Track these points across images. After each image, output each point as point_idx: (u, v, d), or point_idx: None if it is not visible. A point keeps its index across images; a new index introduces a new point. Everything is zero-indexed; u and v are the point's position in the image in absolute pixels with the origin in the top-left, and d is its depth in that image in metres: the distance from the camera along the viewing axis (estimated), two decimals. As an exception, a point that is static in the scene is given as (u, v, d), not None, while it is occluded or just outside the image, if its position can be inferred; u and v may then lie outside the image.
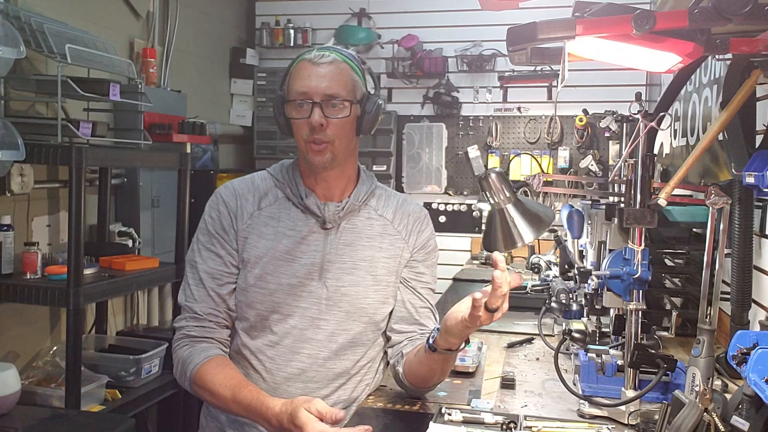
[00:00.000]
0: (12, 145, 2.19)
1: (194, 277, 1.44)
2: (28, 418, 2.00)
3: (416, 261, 1.52)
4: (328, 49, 1.41)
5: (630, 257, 1.36)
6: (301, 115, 1.38)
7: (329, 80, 1.37)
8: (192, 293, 1.43)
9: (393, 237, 1.50)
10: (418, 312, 1.51)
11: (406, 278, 1.51)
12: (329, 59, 1.38)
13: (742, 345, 1.06)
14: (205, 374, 1.35)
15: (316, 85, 1.36)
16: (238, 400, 1.30)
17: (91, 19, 2.96)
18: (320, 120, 1.36)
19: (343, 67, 1.40)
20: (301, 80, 1.38)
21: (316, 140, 1.38)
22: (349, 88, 1.40)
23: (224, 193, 1.48)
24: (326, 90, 1.37)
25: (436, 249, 1.58)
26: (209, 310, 1.42)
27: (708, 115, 2.33)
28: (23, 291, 2.34)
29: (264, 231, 1.43)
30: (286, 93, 1.42)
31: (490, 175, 1.42)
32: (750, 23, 1.00)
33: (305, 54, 1.41)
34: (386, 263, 1.48)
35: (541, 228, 1.42)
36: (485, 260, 3.67)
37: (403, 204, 1.54)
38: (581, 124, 4.02)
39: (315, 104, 1.36)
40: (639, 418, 1.34)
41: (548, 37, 1.08)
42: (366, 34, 4.32)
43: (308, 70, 1.38)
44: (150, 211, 3.24)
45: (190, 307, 1.43)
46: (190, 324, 1.42)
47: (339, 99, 1.38)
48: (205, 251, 1.44)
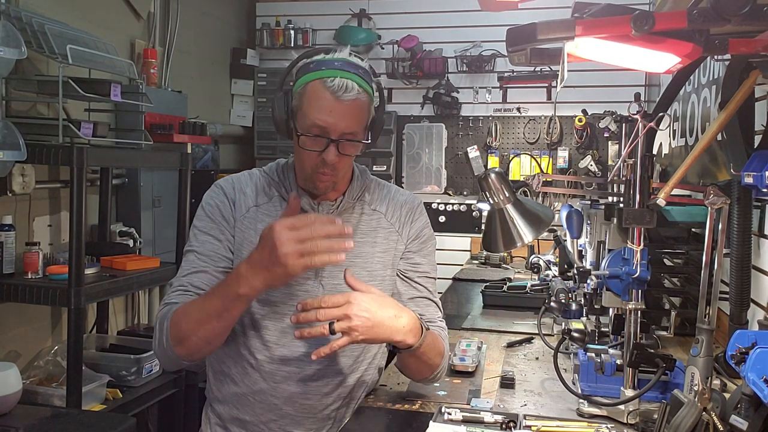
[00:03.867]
0: (13, 145, 2.19)
1: (188, 259, 1.41)
2: (30, 418, 2.00)
3: (411, 252, 1.51)
4: (347, 73, 1.31)
5: (629, 257, 1.36)
6: (314, 148, 1.33)
7: (350, 119, 1.32)
8: (183, 271, 1.40)
9: (387, 230, 1.49)
10: (414, 303, 1.50)
11: (403, 270, 1.51)
12: (353, 95, 1.30)
13: (741, 344, 1.06)
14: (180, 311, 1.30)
15: (335, 123, 1.30)
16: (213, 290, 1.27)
17: (92, 20, 2.96)
18: (335, 159, 1.33)
19: (364, 102, 1.34)
20: (320, 113, 1.30)
21: (324, 172, 1.36)
22: (365, 123, 1.37)
23: (224, 184, 1.47)
24: (346, 129, 1.32)
25: (432, 237, 1.56)
26: (196, 282, 1.37)
27: (707, 116, 2.33)
28: (24, 291, 2.35)
29: (261, 228, 1.41)
30: (298, 116, 1.35)
31: (490, 176, 1.43)
32: (748, 24, 1.01)
33: (323, 71, 1.30)
34: (381, 257, 1.47)
35: (541, 228, 1.43)
36: (485, 260, 3.67)
37: (396, 195, 1.53)
38: (580, 124, 4.02)
39: (332, 142, 1.32)
40: (638, 418, 1.34)
41: (548, 37, 1.08)
42: (366, 35, 4.33)
43: (330, 103, 1.29)
44: (151, 211, 3.24)
45: (180, 283, 1.38)
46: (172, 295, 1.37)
47: (355, 137, 1.35)
48: (202, 235, 1.42)
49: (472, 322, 2.30)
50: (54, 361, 2.51)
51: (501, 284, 2.71)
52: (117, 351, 2.72)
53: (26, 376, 2.38)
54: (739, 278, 1.65)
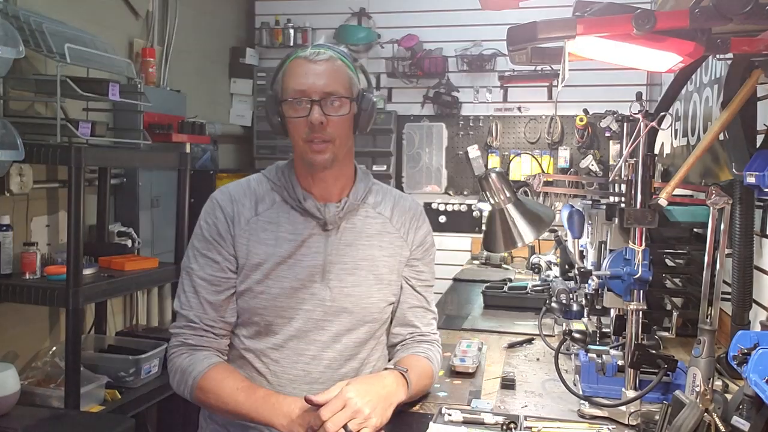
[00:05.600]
0: (11, 144, 2.18)
1: (189, 284, 1.42)
2: (28, 419, 1.99)
3: (416, 259, 1.52)
4: (321, 46, 1.38)
5: (630, 257, 1.36)
6: (299, 114, 1.35)
7: (327, 77, 1.34)
8: (188, 301, 1.41)
9: (392, 235, 1.49)
10: (413, 312, 1.51)
11: (407, 277, 1.51)
12: (326, 56, 1.35)
13: (743, 345, 1.06)
14: (212, 380, 1.34)
15: (313, 83, 1.33)
16: (253, 399, 1.29)
17: (90, 19, 2.95)
18: (320, 118, 1.33)
19: (339, 65, 1.37)
20: (297, 78, 1.34)
21: (315, 139, 1.35)
22: (346, 85, 1.38)
23: (220, 198, 1.45)
24: (324, 87, 1.34)
25: (434, 245, 1.57)
26: (205, 319, 1.40)
27: (709, 115, 2.32)
28: (22, 291, 2.34)
29: (263, 237, 1.41)
30: (281, 92, 1.39)
31: (490, 175, 1.42)
32: (751, 23, 1.00)
33: (299, 51, 1.37)
34: (387, 261, 1.47)
35: (541, 228, 1.42)
36: (485, 260, 3.67)
37: (400, 200, 1.53)
38: (581, 123, 4.01)
39: (314, 102, 1.34)
40: (639, 419, 1.33)
41: (548, 36, 1.08)
42: (366, 34, 4.32)
43: (304, 67, 1.35)
44: (149, 211, 3.24)
45: (186, 315, 1.40)
46: (187, 332, 1.40)
47: (337, 96, 1.35)
48: (201, 258, 1.42)
49: (473, 322, 2.30)
50: (52, 362, 2.50)
51: (501, 285, 2.70)
52: (115, 352, 2.71)
53: (24, 377, 2.37)
54: (741, 279, 1.64)
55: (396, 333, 1.52)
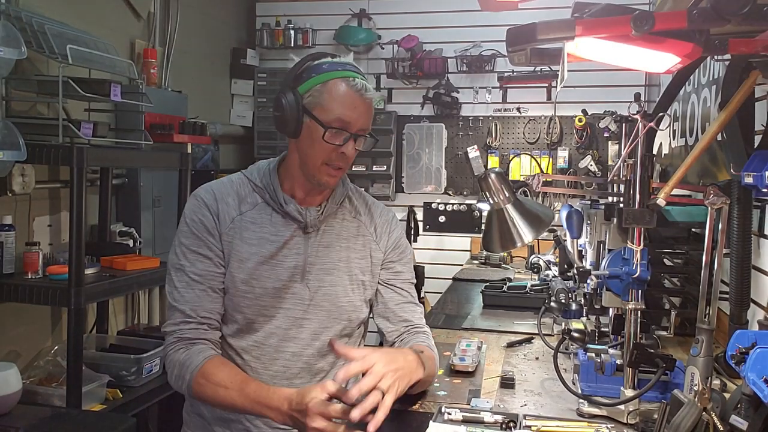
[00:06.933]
0: (13, 145, 2.19)
1: (182, 279, 1.43)
2: (30, 418, 2.00)
3: (392, 261, 1.56)
4: (359, 74, 1.40)
5: (629, 257, 1.36)
6: (335, 141, 1.38)
7: (368, 117, 1.41)
8: (182, 295, 1.42)
9: (366, 238, 1.54)
10: (402, 308, 1.55)
11: (386, 279, 1.55)
12: (371, 95, 1.40)
13: (741, 344, 1.06)
14: (208, 372, 1.35)
15: (357, 119, 1.38)
16: (247, 392, 1.30)
17: (92, 20, 2.96)
18: (354, 153, 1.40)
19: (373, 104, 1.43)
20: (345, 109, 1.36)
21: (336, 165, 1.40)
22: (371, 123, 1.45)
23: (204, 196, 1.47)
24: (363, 125, 1.40)
25: (409, 247, 1.64)
26: (201, 311, 1.41)
27: (707, 116, 2.33)
28: (24, 291, 2.35)
29: (246, 236, 1.43)
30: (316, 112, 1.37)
31: (490, 176, 1.43)
32: (748, 24, 1.01)
33: (342, 72, 1.38)
34: (359, 263, 1.51)
35: (541, 228, 1.43)
36: (485, 260, 3.68)
37: (373, 206, 1.59)
38: (580, 124, 4.02)
39: (351, 135, 1.38)
40: (638, 418, 1.34)
41: (548, 37, 1.08)
42: (366, 35, 4.33)
43: (354, 100, 1.37)
44: (151, 211, 3.24)
45: (182, 309, 1.41)
46: (182, 327, 1.41)
47: (367, 134, 1.43)
48: (191, 254, 1.43)
49: (472, 322, 2.30)
50: (54, 361, 2.51)
51: (501, 284, 2.71)
52: (117, 351, 2.72)
53: (26, 376, 2.38)
54: (739, 278, 1.65)
55: (392, 330, 1.54)
